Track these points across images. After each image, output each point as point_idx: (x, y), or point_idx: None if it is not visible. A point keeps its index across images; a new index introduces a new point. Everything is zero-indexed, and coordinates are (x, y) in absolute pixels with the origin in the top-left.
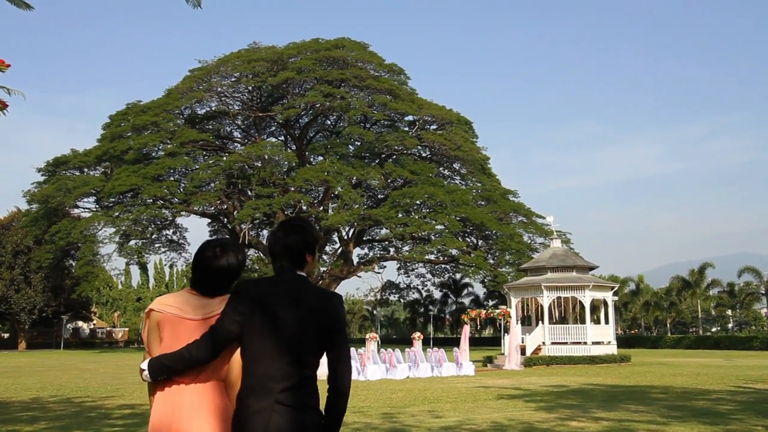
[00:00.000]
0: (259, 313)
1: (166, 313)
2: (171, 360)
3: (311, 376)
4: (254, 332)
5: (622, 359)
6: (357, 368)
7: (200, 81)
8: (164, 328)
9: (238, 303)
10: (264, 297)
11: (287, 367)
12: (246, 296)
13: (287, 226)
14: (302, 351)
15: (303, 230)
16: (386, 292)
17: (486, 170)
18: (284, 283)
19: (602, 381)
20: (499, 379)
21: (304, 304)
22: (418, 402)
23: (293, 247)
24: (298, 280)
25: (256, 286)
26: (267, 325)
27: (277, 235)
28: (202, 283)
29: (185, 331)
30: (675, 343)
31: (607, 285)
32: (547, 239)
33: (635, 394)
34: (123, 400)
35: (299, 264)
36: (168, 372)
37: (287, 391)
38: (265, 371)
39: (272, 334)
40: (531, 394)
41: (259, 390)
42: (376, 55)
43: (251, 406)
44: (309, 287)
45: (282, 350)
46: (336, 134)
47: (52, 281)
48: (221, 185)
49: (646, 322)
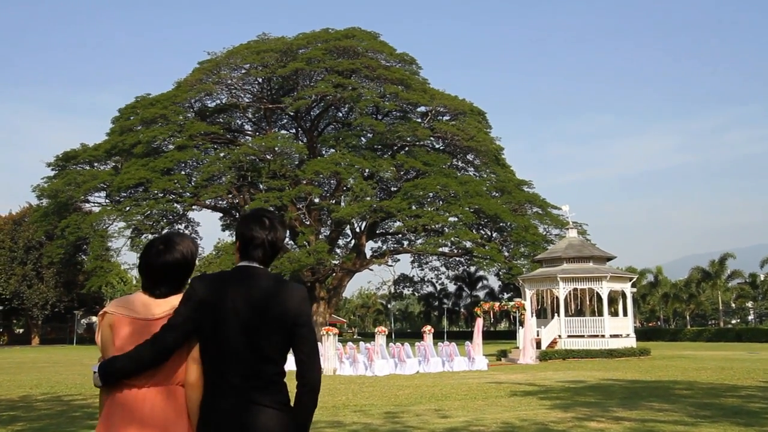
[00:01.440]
0: (217, 310)
1: (117, 315)
2: (120, 363)
3: (279, 372)
4: (214, 330)
5: (641, 353)
6: (365, 363)
7: (209, 73)
8: (116, 330)
9: (191, 300)
10: (222, 292)
11: (256, 364)
12: (201, 293)
13: (262, 216)
14: (268, 347)
15: (276, 223)
16: (400, 285)
17: (500, 161)
18: (244, 277)
19: (622, 376)
20: (512, 374)
21: (265, 298)
22: (425, 399)
23: (267, 239)
24: (259, 274)
25: (212, 282)
26: (228, 321)
27: (251, 225)
28: (152, 284)
29: (137, 333)
30: (695, 336)
31: (626, 276)
32: (563, 230)
33: (658, 390)
34: None
35: (266, 257)
36: (117, 375)
37: (259, 389)
38: (234, 370)
39: (234, 331)
40: (546, 391)
41: (227, 390)
42: (387, 44)
43: (220, 407)
44: (270, 280)
45: (248, 347)
46: (347, 126)
47: (64, 276)
48: (231, 178)
49: (665, 314)
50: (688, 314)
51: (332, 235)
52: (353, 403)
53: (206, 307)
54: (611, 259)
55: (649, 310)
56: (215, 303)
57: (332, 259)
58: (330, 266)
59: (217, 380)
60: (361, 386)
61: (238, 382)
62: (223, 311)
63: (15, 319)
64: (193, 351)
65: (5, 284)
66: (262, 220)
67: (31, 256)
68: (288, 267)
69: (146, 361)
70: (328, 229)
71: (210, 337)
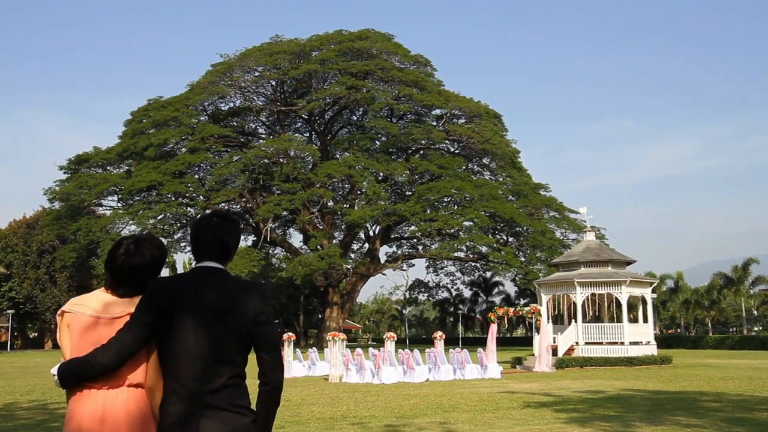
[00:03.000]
0: (175, 312)
1: (76, 313)
2: (77, 366)
3: (240, 375)
4: (172, 333)
5: (662, 361)
6: (372, 370)
7: (222, 75)
8: (74, 329)
9: (149, 303)
10: (180, 294)
11: (213, 367)
12: (159, 296)
13: (214, 217)
14: (226, 348)
15: (236, 223)
16: (415, 290)
17: (516, 164)
18: (202, 278)
19: (643, 386)
20: (527, 382)
21: (224, 299)
22: (431, 411)
23: (221, 238)
24: (217, 274)
25: (168, 284)
26: (185, 324)
27: (205, 225)
28: (116, 283)
29: (95, 332)
30: (717, 344)
31: (646, 281)
32: (581, 235)
33: (683, 402)
34: None
35: (224, 257)
36: (76, 378)
37: (216, 392)
38: (190, 374)
39: (192, 334)
40: (562, 402)
41: (184, 394)
42: (401, 46)
43: (178, 412)
44: (229, 280)
45: (205, 350)
46: (361, 128)
47: (77, 280)
48: (243, 181)
49: (686, 321)
50: (709, 321)
51: (346, 239)
52: (352, 415)
53: (162, 309)
54: (631, 263)
55: (669, 317)
56: (172, 305)
57: (345, 264)
58: (342, 270)
59: (173, 384)
60: (365, 395)
61: (193, 385)
62: (179, 313)
63: (30, 323)
64: (152, 354)
65: (18, 288)
66: (210, 220)
67: (44, 259)
68: (299, 271)
69: (105, 364)
70: (342, 233)
71: (167, 340)
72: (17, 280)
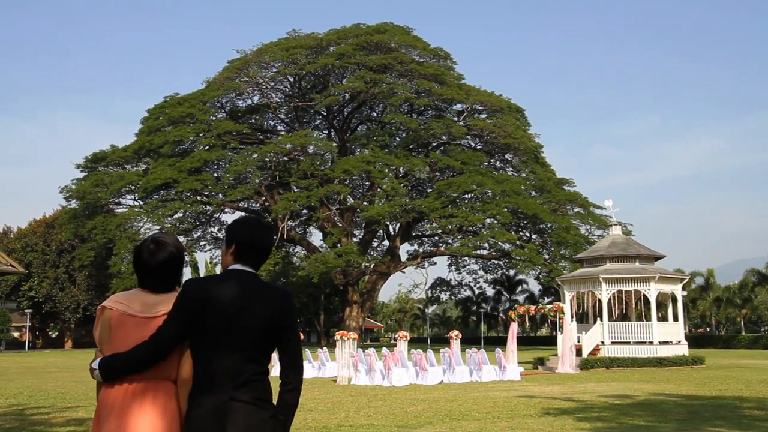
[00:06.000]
0: (207, 312)
1: (116, 311)
2: (120, 361)
3: (263, 371)
4: (203, 331)
5: (694, 361)
6: (382, 372)
7: (238, 72)
8: (114, 325)
9: (184, 303)
10: (212, 295)
11: (239, 363)
12: (193, 295)
13: (261, 224)
14: (252, 347)
15: (269, 230)
16: (437, 289)
17: (539, 159)
18: (234, 280)
19: (675, 389)
20: (548, 385)
21: (253, 301)
22: (438, 419)
23: (265, 245)
24: (249, 277)
25: (203, 285)
26: (216, 322)
27: (253, 231)
28: (147, 282)
29: (133, 329)
30: (750, 343)
31: (676, 277)
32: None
33: (722, 409)
34: (83, 412)
35: (258, 262)
36: (118, 372)
37: (241, 387)
38: (217, 369)
39: (222, 332)
40: (585, 408)
41: (211, 387)
42: (420, 39)
43: (205, 404)
44: (259, 284)
45: (232, 347)
46: (379, 124)
47: (96, 279)
48: (256, 177)
49: (717, 320)
50: (741, 320)
51: (366, 237)
52: (350, 423)
53: (197, 308)
54: (660, 258)
55: (699, 316)
56: (206, 304)
57: (363, 261)
58: (360, 268)
59: (202, 378)
60: (371, 399)
61: (220, 380)
62: (212, 312)
63: (52, 323)
64: (185, 348)
65: (38, 287)
66: (259, 227)
67: (63, 259)
68: (316, 268)
69: (146, 361)
70: (362, 231)
71: (199, 337)
72: (36, 280)
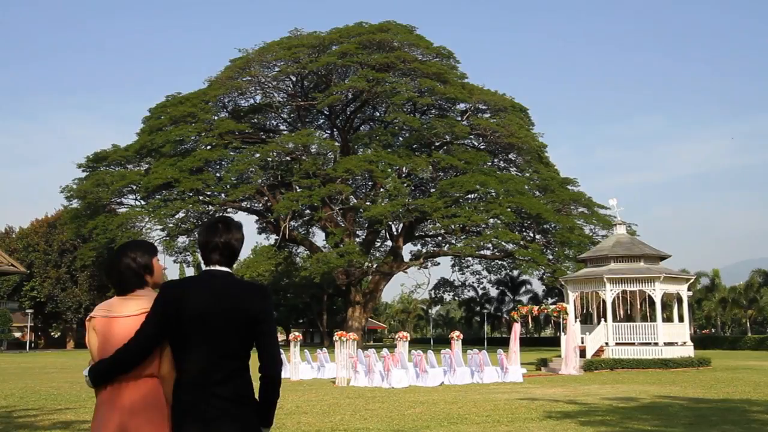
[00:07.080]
0: (183, 312)
1: (98, 317)
2: (105, 366)
3: (243, 367)
4: (181, 330)
5: (700, 363)
6: (381, 373)
7: (240, 71)
8: (99, 331)
9: (162, 303)
10: (188, 294)
11: (217, 360)
12: (168, 297)
13: (216, 223)
14: (230, 344)
15: (229, 227)
16: (440, 290)
17: (543, 159)
18: (207, 279)
19: (681, 392)
20: (551, 387)
21: (229, 298)
22: (435, 423)
23: (222, 242)
24: (223, 275)
25: (178, 286)
26: (192, 322)
27: (206, 232)
28: (115, 288)
29: (114, 331)
30: (757, 344)
31: (682, 277)
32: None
33: (730, 413)
34: (72, 415)
35: (230, 261)
36: (106, 376)
37: (221, 383)
38: (196, 366)
39: (198, 331)
40: (589, 412)
41: (192, 384)
42: (423, 38)
43: (187, 400)
44: (234, 281)
45: (210, 345)
46: (382, 123)
47: (97, 279)
48: (258, 176)
49: (722, 321)
50: (747, 321)
51: (368, 237)
52: (345, 426)
53: (173, 308)
54: (665, 258)
55: (704, 317)
56: (181, 305)
57: (365, 261)
58: (363, 268)
59: (181, 375)
60: (368, 401)
61: (199, 377)
62: (187, 312)
63: (54, 323)
64: (165, 347)
65: (40, 287)
66: (216, 226)
67: (65, 258)
68: (318, 268)
69: (129, 362)
70: (365, 231)
71: (178, 336)
72: (38, 280)
